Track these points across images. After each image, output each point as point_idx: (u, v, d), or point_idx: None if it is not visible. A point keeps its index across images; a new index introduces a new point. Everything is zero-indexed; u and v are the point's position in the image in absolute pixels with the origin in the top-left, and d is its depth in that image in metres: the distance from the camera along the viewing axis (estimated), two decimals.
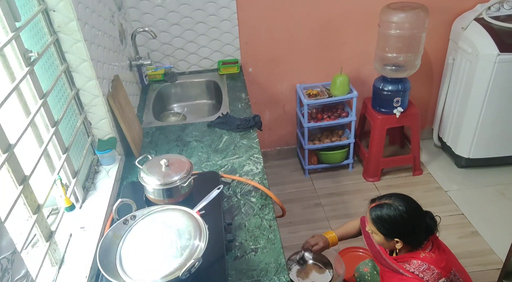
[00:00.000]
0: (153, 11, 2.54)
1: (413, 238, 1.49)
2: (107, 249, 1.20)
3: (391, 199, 1.51)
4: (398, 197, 1.51)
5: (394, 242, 1.49)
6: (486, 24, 2.62)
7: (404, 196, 1.53)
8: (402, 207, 1.47)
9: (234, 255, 1.39)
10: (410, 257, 1.48)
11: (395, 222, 1.46)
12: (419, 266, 1.44)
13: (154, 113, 2.34)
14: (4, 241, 0.93)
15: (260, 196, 1.64)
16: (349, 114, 2.93)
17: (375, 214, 1.51)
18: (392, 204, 1.49)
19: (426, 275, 1.42)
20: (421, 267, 1.44)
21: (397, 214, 1.46)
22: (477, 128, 2.79)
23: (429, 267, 1.42)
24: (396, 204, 1.48)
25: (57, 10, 1.45)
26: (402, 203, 1.48)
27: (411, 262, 1.46)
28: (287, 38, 2.78)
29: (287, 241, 2.54)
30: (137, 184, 1.58)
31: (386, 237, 1.50)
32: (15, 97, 1.22)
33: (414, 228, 1.47)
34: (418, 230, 1.48)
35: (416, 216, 1.49)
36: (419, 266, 1.44)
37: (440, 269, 1.42)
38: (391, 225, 1.47)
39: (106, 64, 1.81)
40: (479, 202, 2.76)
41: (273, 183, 3.04)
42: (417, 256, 1.46)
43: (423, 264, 1.44)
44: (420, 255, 1.46)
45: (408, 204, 1.49)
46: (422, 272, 1.42)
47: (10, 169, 1.08)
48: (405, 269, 1.46)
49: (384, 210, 1.48)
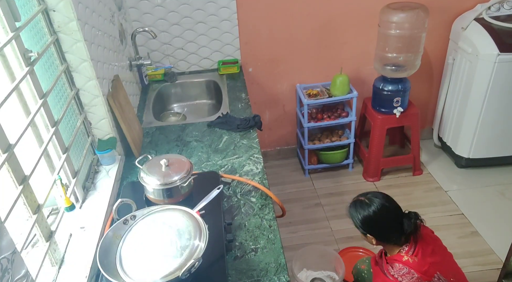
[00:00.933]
0: (153, 11, 2.54)
1: (384, 236, 1.53)
2: (107, 249, 1.20)
3: (366, 196, 1.57)
4: (374, 195, 1.56)
5: (369, 237, 1.55)
6: (486, 24, 2.62)
7: (382, 194, 1.57)
8: (375, 205, 1.51)
9: (234, 255, 1.39)
10: (395, 260, 1.50)
11: (364, 218, 1.52)
12: (400, 269, 1.46)
13: (154, 113, 2.34)
14: (4, 241, 0.93)
15: (260, 196, 1.64)
16: (349, 114, 2.93)
17: (349, 211, 1.59)
18: (363, 201, 1.55)
19: (405, 279, 1.44)
20: (401, 270, 1.46)
21: (368, 210, 1.52)
22: (477, 128, 2.79)
23: (409, 271, 1.44)
24: (369, 201, 1.53)
25: (57, 10, 1.45)
26: (375, 201, 1.53)
27: (394, 265, 1.49)
28: (287, 38, 2.78)
29: (287, 241, 2.54)
30: (137, 184, 1.58)
31: (361, 231, 1.57)
32: (15, 97, 1.22)
33: (385, 227, 1.51)
34: (389, 230, 1.51)
35: (386, 215, 1.52)
36: (400, 270, 1.46)
37: (420, 274, 1.43)
38: (361, 221, 1.54)
39: (106, 64, 1.81)
40: (479, 202, 2.76)
41: (273, 183, 3.04)
42: (400, 259, 1.48)
43: (403, 268, 1.46)
44: (403, 258, 1.48)
45: (382, 201, 1.53)
46: (401, 276, 1.45)
47: (10, 169, 1.08)
48: (388, 272, 1.49)
49: (357, 206, 1.55)
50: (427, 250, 1.49)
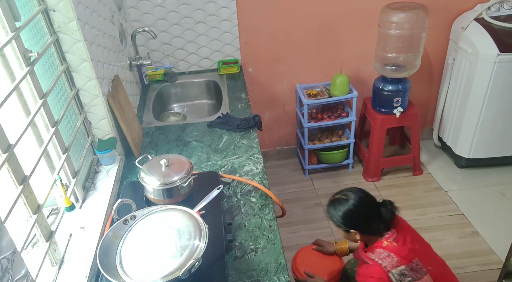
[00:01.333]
0: (153, 11, 2.54)
1: (367, 227, 1.55)
2: (107, 249, 1.20)
3: (342, 193, 1.59)
4: (349, 190, 1.59)
5: (353, 233, 1.56)
6: (486, 24, 2.62)
7: (356, 189, 1.60)
8: (351, 199, 1.54)
9: (234, 255, 1.39)
10: (375, 246, 1.54)
11: (344, 214, 1.54)
12: (380, 253, 1.50)
13: (154, 113, 2.34)
14: (4, 241, 0.93)
15: (260, 196, 1.64)
16: (349, 114, 2.93)
17: (328, 211, 1.60)
18: (340, 198, 1.56)
19: (384, 262, 1.48)
20: (381, 254, 1.50)
21: (346, 206, 1.54)
22: (477, 128, 2.79)
23: (389, 254, 1.48)
24: (345, 198, 1.55)
25: (57, 10, 1.45)
26: (351, 195, 1.55)
27: (375, 250, 1.52)
28: (287, 38, 2.78)
29: (287, 241, 2.54)
30: (137, 184, 1.58)
31: (344, 229, 1.57)
32: (15, 97, 1.22)
33: (366, 217, 1.54)
34: (370, 219, 1.54)
35: (365, 206, 1.55)
36: (380, 254, 1.50)
37: (400, 257, 1.47)
38: (342, 218, 1.55)
39: (106, 64, 1.81)
40: (479, 202, 2.76)
41: (273, 183, 3.04)
42: (380, 245, 1.52)
43: (383, 252, 1.50)
44: (383, 244, 1.52)
45: (356, 195, 1.56)
46: (381, 259, 1.49)
47: (10, 169, 1.08)
48: (369, 258, 1.53)
49: (335, 204, 1.56)
50: (407, 238, 1.53)
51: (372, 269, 1.50)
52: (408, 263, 1.47)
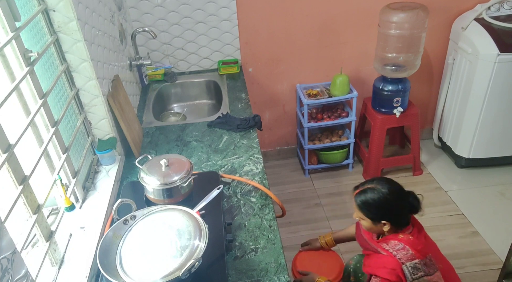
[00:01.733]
0: (153, 11, 2.54)
1: (399, 218, 1.53)
2: (107, 249, 1.20)
3: (373, 183, 1.56)
4: (379, 180, 1.56)
5: (381, 224, 1.53)
6: (486, 24, 2.62)
7: (386, 179, 1.58)
8: (385, 189, 1.51)
9: (234, 255, 1.39)
10: (390, 238, 1.52)
11: (379, 205, 1.51)
12: (395, 245, 1.49)
13: (154, 113, 2.34)
14: (4, 241, 0.93)
15: (260, 196, 1.64)
16: (349, 114, 2.93)
17: (360, 200, 1.55)
18: (375, 187, 1.53)
19: (399, 254, 1.46)
20: (396, 246, 1.48)
21: (381, 196, 1.50)
22: (477, 128, 2.79)
23: (404, 247, 1.47)
24: (379, 187, 1.52)
25: (57, 10, 1.45)
26: (384, 185, 1.53)
27: (389, 242, 1.51)
28: (287, 38, 2.78)
29: (287, 241, 2.54)
30: (137, 184, 1.58)
31: (373, 220, 1.54)
32: (15, 97, 1.22)
33: (399, 208, 1.52)
34: (403, 210, 1.52)
35: (399, 195, 1.53)
36: (395, 245, 1.49)
37: (415, 251, 1.46)
38: (376, 208, 1.51)
39: (106, 64, 1.81)
40: (479, 202, 2.76)
41: (273, 183, 3.04)
42: (396, 237, 1.51)
43: (399, 244, 1.48)
44: (399, 236, 1.50)
45: (390, 185, 1.54)
46: (396, 251, 1.47)
47: (10, 169, 1.08)
48: (383, 248, 1.51)
49: (368, 195, 1.53)
50: (422, 233, 1.53)
51: (385, 260, 1.48)
52: (423, 258, 1.46)
